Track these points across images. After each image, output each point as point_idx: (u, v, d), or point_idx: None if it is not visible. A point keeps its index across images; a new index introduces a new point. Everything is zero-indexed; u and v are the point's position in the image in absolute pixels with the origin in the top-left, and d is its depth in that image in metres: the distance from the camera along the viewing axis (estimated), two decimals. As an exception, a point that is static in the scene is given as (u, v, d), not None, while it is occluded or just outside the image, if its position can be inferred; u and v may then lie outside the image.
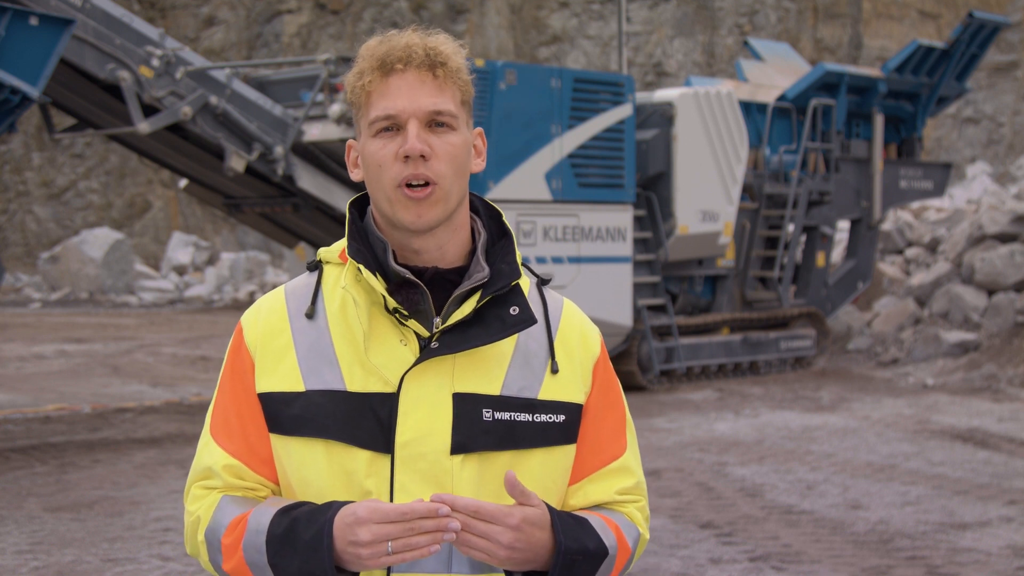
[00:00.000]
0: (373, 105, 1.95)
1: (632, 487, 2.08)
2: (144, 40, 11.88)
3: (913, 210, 22.15)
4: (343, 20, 37.49)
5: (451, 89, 1.96)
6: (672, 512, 8.00)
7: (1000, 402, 13.24)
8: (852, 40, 37.34)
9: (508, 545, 1.85)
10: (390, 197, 1.94)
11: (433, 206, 1.93)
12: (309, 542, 1.83)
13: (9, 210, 37.86)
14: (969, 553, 7.00)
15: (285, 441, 1.96)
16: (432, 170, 1.93)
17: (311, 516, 1.86)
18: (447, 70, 1.95)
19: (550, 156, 13.35)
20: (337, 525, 1.82)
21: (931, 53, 17.41)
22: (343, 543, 1.81)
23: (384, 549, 1.78)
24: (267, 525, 1.88)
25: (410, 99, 1.93)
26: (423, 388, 1.93)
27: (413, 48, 1.94)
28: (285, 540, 1.86)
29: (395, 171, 1.93)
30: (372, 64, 1.95)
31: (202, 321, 24.95)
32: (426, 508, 1.78)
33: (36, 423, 11.61)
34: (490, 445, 1.94)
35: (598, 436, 2.06)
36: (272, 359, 1.98)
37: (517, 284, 2.00)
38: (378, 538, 1.78)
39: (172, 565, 6.75)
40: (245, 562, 1.90)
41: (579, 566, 1.93)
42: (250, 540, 1.89)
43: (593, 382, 2.06)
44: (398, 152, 1.93)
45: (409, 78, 1.93)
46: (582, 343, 2.07)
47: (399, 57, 1.94)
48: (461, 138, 1.97)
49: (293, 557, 1.85)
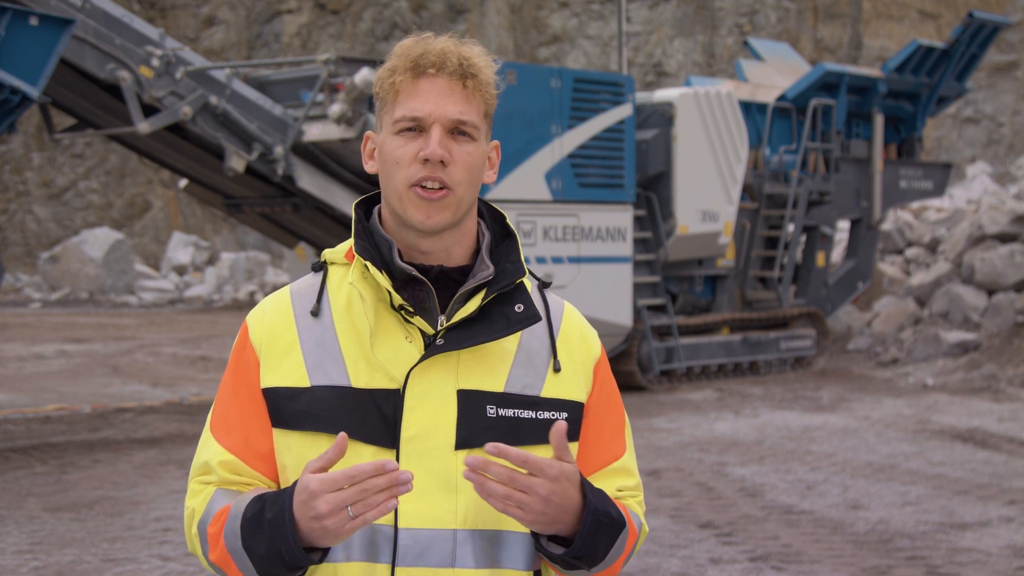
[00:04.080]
0: (400, 104, 1.98)
1: (632, 487, 2.12)
2: (144, 40, 11.88)
3: (913, 210, 22.15)
4: (343, 20, 37.48)
5: (478, 101, 2.00)
6: (672, 512, 7.99)
7: (1000, 402, 13.24)
8: (852, 40, 37.33)
9: (545, 497, 1.86)
10: (401, 195, 1.97)
11: (443, 210, 1.97)
12: (272, 520, 1.86)
13: (9, 210, 37.86)
14: (969, 553, 7.00)
15: (287, 435, 1.99)
16: (449, 176, 1.97)
17: (275, 497, 1.89)
18: (477, 82, 1.99)
19: (550, 156, 13.35)
20: (296, 505, 1.83)
21: (931, 53, 17.41)
22: (306, 520, 1.82)
23: (346, 515, 1.79)
24: (243, 510, 1.91)
25: (437, 104, 1.97)
26: (428, 384, 1.96)
27: (448, 55, 1.98)
28: (254, 522, 1.88)
29: (411, 171, 1.97)
30: (405, 63, 1.98)
31: (202, 321, 24.95)
32: (373, 466, 1.78)
33: (36, 423, 11.61)
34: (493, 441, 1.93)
35: (600, 435, 2.09)
36: (277, 356, 2.01)
37: (521, 282, 2.03)
38: (336, 506, 1.79)
39: (172, 565, 6.75)
40: (226, 548, 1.92)
41: (603, 529, 1.95)
42: (230, 527, 1.92)
43: (594, 382, 2.09)
44: (418, 154, 1.96)
45: (439, 84, 1.97)
46: (583, 343, 2.11)
47: (433, 62, 1.97)
48: (479, 149, 2.01)
49: (261, 537, 1.87)
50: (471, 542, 1.96)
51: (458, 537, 1.95)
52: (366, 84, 11.73)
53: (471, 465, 1.83)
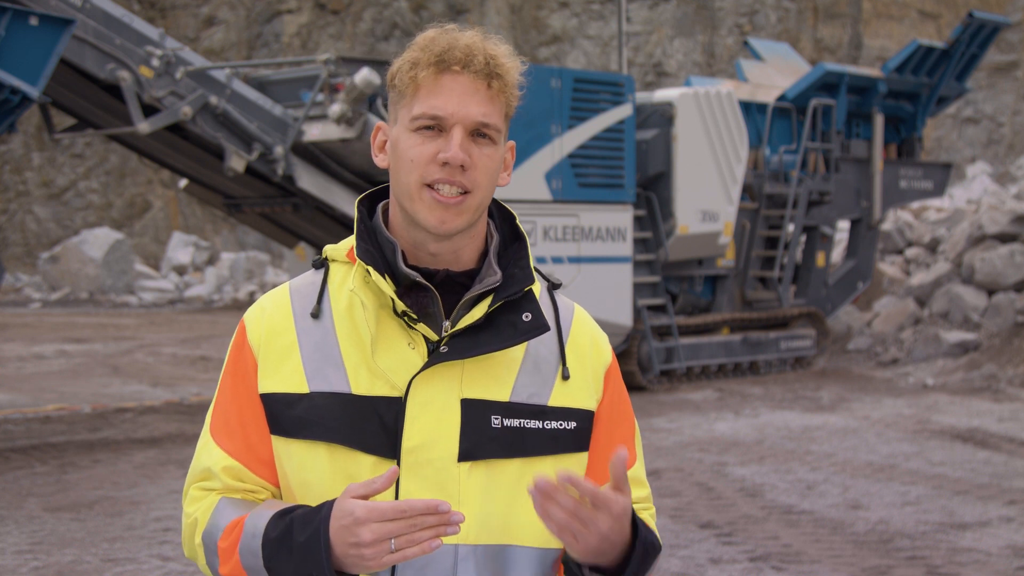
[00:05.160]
0: (420, 100, 1.89)
1: (644, 497, 2.06)
2: (144, 40, 11.87)
3: (913, 210, 22.15)
4: (343, 20, 37.48)
5: (501, 102, 1.93)
6: (672, 512, 7.99)
7: (1000, 402, 13.24)
8: (852, 40, 37.33)
9: (605, 533, 1.81)
10: (413, 195, 1.89)
11: (460, 215, 1.89)
12: (305, 544, 1.78)
13: (9, 210, 37.86)
14: (969, 553, 7.00)
15: (287, 443, 1.92)
16: (470, 180, 1.89)
17: (306, 518, 1.81)
18: (503, 83, 1.92)
19: (550, 156, 13.35)
20: (334, 527, 1.76)
21: (931, 53, 17.41)
22: (343, 545, 1.75)
23: (387, 547, 1.73)
24: (263, 528, 1.83)
25: (460, 104, 1.88)
26: (431, 393, 1.89)
27: (474, 52, 1.89)
28: (281, 543, 1.81)
29: (427, 171, 1.88)
30: (429, 57, 1.89)
31: (202, 321, 24.95)
32: (425, 505, 1.72)
33: (36, 423, 11.61)
34: (498, 452, 1.91)
35: (611, 444, 2.00)
36: (276, 359, 1.94)
37: (530, 290, 1.96)
38: (380, 537, 1.72)
39: (172, 565, 6.75)
40: (242, 566, 1.85)
41: (649, 559, 1.91)
42: (246, 544, 1.84)
43: (605, 389, 2.03)
44: (436, 155, 1.88)
45: (463, 82, 1.89)
46: (594, 349, 2.04)
47: (458, 58, 1.88)
48: (499, 152, 1.95)
49: (289, 560, 1.80)
50: (473, 558, 1.89)
51: (459, 552, 1.88)
52: (366, 84, 11.73)
53: (539, 486, 1.75)
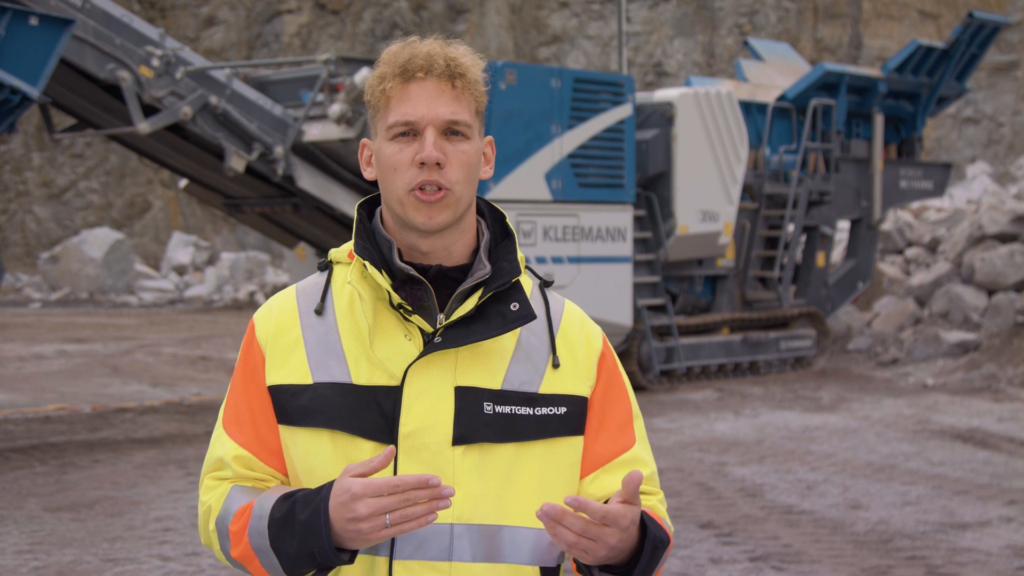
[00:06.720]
0: (392, 110, 2.02)
1: (649, 476, 2.14)
2: (144, 40, 11.88)
3: (913, 210, 22.15)
4: (343, 20, 37.48)
5: (468, 99, 2.04)
6: (672, 512, 8.00)
7: (1000, 402, 13.24)
8: (852, 40, 37.33)
9: (614, 546, 1.91)
10: (402, 200, 2.01)
11: (444, 210, 2.01)
12: (306, 522, 1.90)
13: (9, 210, 37.86)
14: (969, 553, 7.00)
15: (292, 431, 2.04)
16: (445, 177, 2.00)
17: (307, 498, 1.92)
18: (465, 81, 2.03)
19: (550, 156, 13.35)
20: (333, 504, 1.88)
21: (931, 53, 17.40)
22: (341, 521, 1.87)
23: (382, 521, 1.84)
24: (269, 510, 1.95)
25: (429, 107, 2.00)
26: (426, 381, 2.01)
27: (435, 57, 2.01)
28: (285, 522, 1.92)
29: (409, 175, 2.00)
30: (393, 70, 2.02)
31: (202, 321, 24.95)
32: (417, 479, 1.82)
33: (36, 423, 11.61)
34: (491, 437, 2.01)
35: (607, 427, 2.11)
36: (282, 353, 2.06)
37: (518, 281, 2.07)
38: (376, 511, 1.83)
39: (172, 565, 6.75)
40: (251, 547, 1.96)
41: (657, 554, 1.99)
42: (254, 525, 1.96)
43: (598, 376, 2.12)
44: (414, 158, 2.00)
45: (429, 86, 2.01)
46: (584, 338, 2.14)
47: (420, 65, 2.01)
48: (474, 147, 2.05)
49: (293, 538, 1.91)
50: (467, 536, 1.99)
51: (455, 531, 1.99)
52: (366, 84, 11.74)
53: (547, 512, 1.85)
